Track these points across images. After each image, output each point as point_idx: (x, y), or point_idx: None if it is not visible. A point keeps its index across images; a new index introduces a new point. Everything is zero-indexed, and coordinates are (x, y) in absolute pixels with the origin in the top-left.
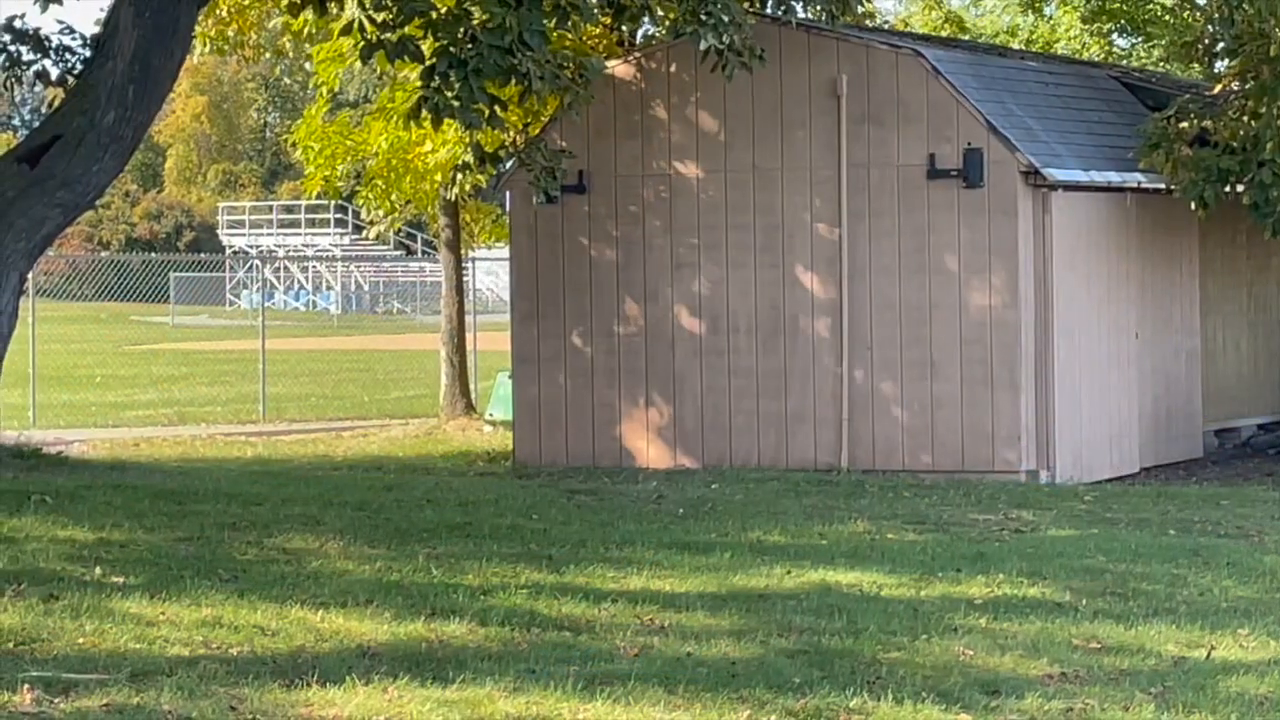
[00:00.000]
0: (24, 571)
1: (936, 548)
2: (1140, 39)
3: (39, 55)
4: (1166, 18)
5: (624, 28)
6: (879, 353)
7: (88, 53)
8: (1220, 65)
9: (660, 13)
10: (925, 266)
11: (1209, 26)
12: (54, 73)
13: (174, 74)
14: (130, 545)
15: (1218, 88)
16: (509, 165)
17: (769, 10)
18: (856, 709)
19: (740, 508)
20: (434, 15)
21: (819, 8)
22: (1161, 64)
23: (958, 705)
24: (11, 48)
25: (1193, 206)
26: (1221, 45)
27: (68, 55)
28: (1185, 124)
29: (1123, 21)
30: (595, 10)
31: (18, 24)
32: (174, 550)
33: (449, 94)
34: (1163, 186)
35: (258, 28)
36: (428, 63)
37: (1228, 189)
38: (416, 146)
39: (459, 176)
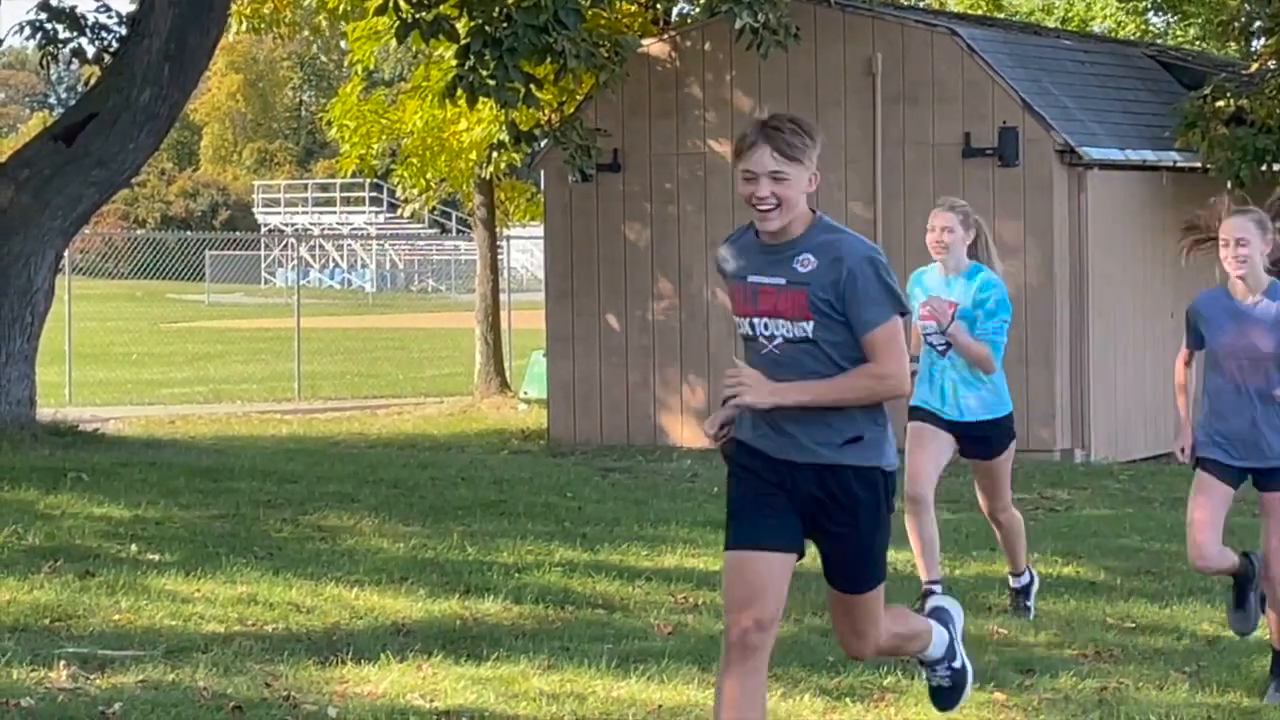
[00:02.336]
0: (60, 548)
1: (970, 526)
2: (1176, 17)
3: (75, 33)
4: None
5: (659, 6)
6: None
7: (124, 31)
8: (1257, 44)
9: None
10: None
11: (1245, 5)
12: (90, 51)
13: (209, 52)
14: (166, 522)
15: (1254, 66)
16: (544, 144)
17: None
18: (890, 687)
19: None
20: None
21: None
22: (1198, 42)
23: (992, 684)
24: (48, 25)
25: (1229, 185)
26: (1258, 24)
27: (104, 33)
28: (1221, 103)
29: None
30: None
31: (54, 2)
32: (209, 527)
33: (484, 73)
34: (1199, 165)
35: (293, 6)
36: (463, 41)
37: (1264, 168)
38: (452, 125)
39: (494, 155)
